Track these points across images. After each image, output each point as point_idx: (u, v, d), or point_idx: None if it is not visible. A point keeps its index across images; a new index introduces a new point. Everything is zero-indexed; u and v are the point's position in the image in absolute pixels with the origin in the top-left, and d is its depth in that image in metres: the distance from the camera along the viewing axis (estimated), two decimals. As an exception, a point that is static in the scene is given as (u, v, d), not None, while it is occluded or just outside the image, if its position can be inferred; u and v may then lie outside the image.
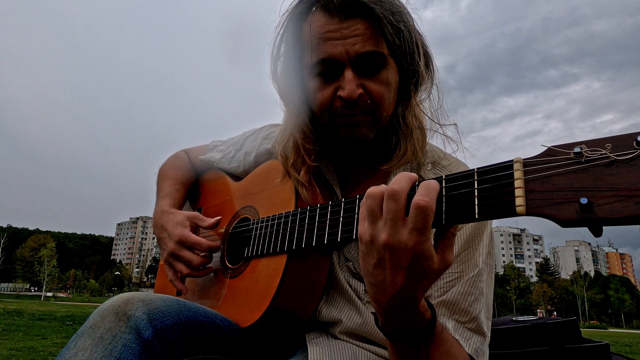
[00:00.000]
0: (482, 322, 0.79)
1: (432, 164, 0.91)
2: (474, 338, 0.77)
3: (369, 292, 0.62)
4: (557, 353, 1.37)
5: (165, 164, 1.31)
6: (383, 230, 0.56)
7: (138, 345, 0.66)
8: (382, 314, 0.62)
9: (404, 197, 0.55)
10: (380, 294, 0.59)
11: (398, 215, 0.55)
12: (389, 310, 0.61)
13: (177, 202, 1.17)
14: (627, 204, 0.40)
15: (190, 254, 0.99)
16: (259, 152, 1.13)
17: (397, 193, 0.55)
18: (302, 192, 0.88)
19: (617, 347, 10.23)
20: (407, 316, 0.61)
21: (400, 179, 0.57)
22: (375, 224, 0.57)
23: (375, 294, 0.60)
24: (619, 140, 0.43)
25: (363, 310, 0.85)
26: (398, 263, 0.55)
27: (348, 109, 0.83)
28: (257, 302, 0.84)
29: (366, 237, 0.58)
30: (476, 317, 0.78)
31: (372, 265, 0.58)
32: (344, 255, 0.89)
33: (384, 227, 0.56)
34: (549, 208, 0.45)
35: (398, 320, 0.62)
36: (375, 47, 0.81)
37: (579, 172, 0.45)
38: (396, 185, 0.56)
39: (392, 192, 0.55)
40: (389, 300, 0.59)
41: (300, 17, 0.86)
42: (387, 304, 0.59)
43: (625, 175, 0.41)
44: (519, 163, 0.50)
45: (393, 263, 0.56)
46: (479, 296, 0.79)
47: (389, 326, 0.63)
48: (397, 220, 0.55)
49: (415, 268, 0.55)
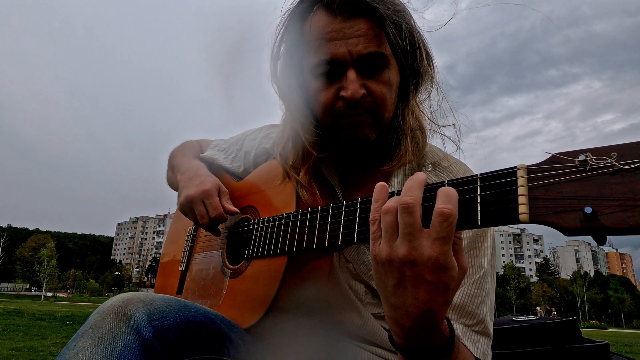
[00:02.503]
0: (488, 324, 0.79)
1: (432, 164, 0.90)
2: (481, 341, 0.77)
3: (389, 314, 0.59)
4: (557, 353, 1.37)
5: (177, 148, 1.30)
6: (401, 245, 0.53)
7: (138, 345, 0.66)
8: (403, 336, 0.59)
9: (419, 207, 0.53)
10: (402, 316, 0.56)
11: (416, 227, 0.52)
12: (411, 332, 0.57)
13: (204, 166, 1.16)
14: (631, 213, 0.40)
15: (204, 211, 0.97)
16: (258, 152, 1.13)
17: (412, 205, 0.53)
18: (302, 193, 0.88)
19: (617, 347, 10.23)
20: (428, 335, 0.58)
21: (411, 187, 0.55)
22: (392, 241, 0.54)
23: (397, 316, 0.57)
24: (625, 148, 0.43)
25: (363, 311, 0.85)
26: (421, 278, 0.53)
27: (350, 110, 0.82)
28: (257, 304, 0.84)
29: (383, 256, 0.55)
30: (483, 320, 0.78)
31: (391, 286, 0.55)
32: (344, 257, 0.89)
33: (402, 242, 0.53)
34: (553, 216, 0.45)
35: (419, 340, 0.58)
36: (378, 47, 0.80)
37: (584, 181, 0.44)
38: (409, 196, 0.54)
39: (406, 205, 0.53)
40: (413, 321, 0.56)
41: (301, 17, 0.86)
42: (410, 325, 0.56)
43: (630, 184, 0.41)
44: (523, 170, 0.50)
45: (415, 279, 0.53)
46: (485, 298, 0.79)
47: (408, 347, 0.60)
48: (415, 233, 0.52)
49: (439, 281, 0.53)
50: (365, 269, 0.86)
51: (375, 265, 0.57)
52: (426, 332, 0.57)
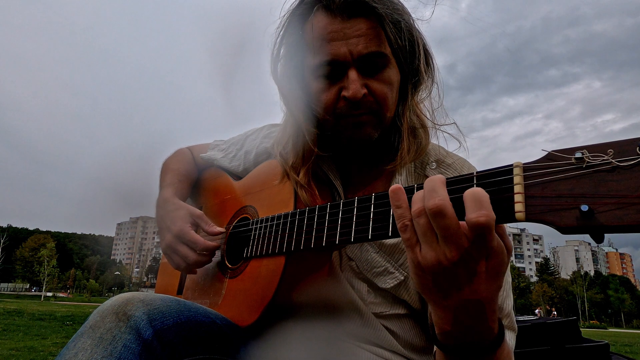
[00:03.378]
0: (513, 317, 0.79)
1: (436, 162, 0.90)
2: (509, 335, 0.75)
3: (443, 316, 0.57)
4: (557, 353, 1.37)
5: (168, 158, 1.30)
6: (446, 247, 0.51)
7: (138, 345, 0.66)
8: (457, 335, 0.57)
9: (450, 207, 0.50)
10: (460, 314, 0.54)
11: (454, 227, 0.50)
12: (467, 329, 0.56)
13: (179, 192, 1.14)
14: (628, 211, 0.40)
15: (187, 250, 0.97)
16: (259, 151, 1.12)
17: (442, 206, 0.50)
18: (301, 193, 0.88)
19: (617, 347, 10.23)
20: (484, 329, 0.56)
21: (434, 188, 0.52)
22: (434, 243, 0.52)
23: (454, 316, 0.55)
24: (621, 145, 0.42)
25: (365, 311, 0.85)
26: (473, 272, 0.51)
27: (352, 109, 0.82)
28: (256, 303, 0.84)
29: (429, 261, 0.52)
30: (509, 313, 0.78)
31: (445, 289, 0.53)
32: (347, 255, 0.88)
33: (446, 245, 0.51)
34: (549, 214, 0.45)
35: (474, 335, 0.57)
36: (378, 47, 0.80)
37: (580, 178, 0.44)
38: (437, 198, 0.51)
39: (436, 208, 0.50)
40: (471, 316, 0.54)
41: (301, 18, 0.86)
42: (468, 321, 0.55)
43: (627, 181, 0.41)
44: (519, 168, 0.50)
45: (469, 275, 0.52)
46: (509, 291, 0.79)
47: (460, 343, 0.58)
48: (455, 233, 0.50)
49: (491, 268, 0.52)
50: (369, 267, 0.86)
51: (421, 272, 0.54)
52: (482, 325, 0.55)
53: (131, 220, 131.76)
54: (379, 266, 0.85)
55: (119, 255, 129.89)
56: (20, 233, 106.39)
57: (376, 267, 0.85)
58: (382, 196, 0.66)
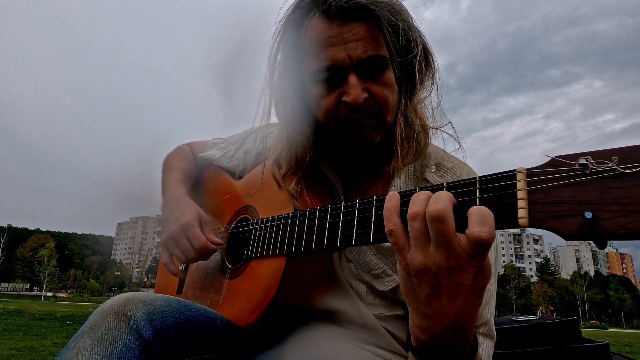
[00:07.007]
0: (492, 325, 0.78)
1: (436, 165, 0.90)
2: (486, 343, 0.77)
3: (419, 324, 0.57)
4: (557, 353, 1.37)
5: (170, 155, 1.30)
6: (437, 253, 0.51)
7: (138, 345, 0.66)
8: (432, 344, 0.58)
9: (451, 215, 0.51)
10: (436, 324, 0.55)
11: (450, 235, 0.50)
12: (442, 340, 0.56)
13: (188, 191, 1.16)
14: (633, 219, 0.39)
15: (189, 244, 0.98)
16: (259, 151, 1.12)
17: (443, 212, 0.50)
18: (294, 202, 0.87)
19: (617, 347, 10.23)
20: (458, 342, 0.56)
21: (440, 199, 0.52)
22: (425, 248, 0.53)
23: (430, 325, 0.55)
24: (626, 152, 0.42)
25: (364, 311, 0.85)
26: (458, 284, 0.51)
27: (354, 114, 0.82)
28: (256, 304, 0.84)
29: (415, 264, 0.53)
30: (487, 321, 0.77)
31: (425, 295, 0.54)
32: (345, 257, 0.88)
33: (438, 250, 0.51)
34: (553, 220, 0.44)
35: (447, 347, 0.57)
36: (377, 50, 0.80)
37: (584, 185, 0.44)
38: (440, 203, 0.51)
39: (437, 213, 0.50)
40: (446, 328, 0.54)
41: (297, 24, 0.85)
42: (443, 333, 0.55)
43: (631, 188, 0.40)
44: (522, 173, 0.49)
45: (453, 286, 0.52)
46: (490, 300, 0.79)
47: (434, 354, 0.59)
48: (450, 240, 0.50)
49: (476, 283, 0.52)
50: (367, 269, 0.86)
51: (406, 275, 0.55)
52: (459, 338, 0.56)
53: (131, 220, 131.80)
54: (377, 268, 0.85)
55: (119, 255, 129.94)
56: (20, 233, 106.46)
57: (374, 269, 0.85)
58: (384, 199, 0.66)
